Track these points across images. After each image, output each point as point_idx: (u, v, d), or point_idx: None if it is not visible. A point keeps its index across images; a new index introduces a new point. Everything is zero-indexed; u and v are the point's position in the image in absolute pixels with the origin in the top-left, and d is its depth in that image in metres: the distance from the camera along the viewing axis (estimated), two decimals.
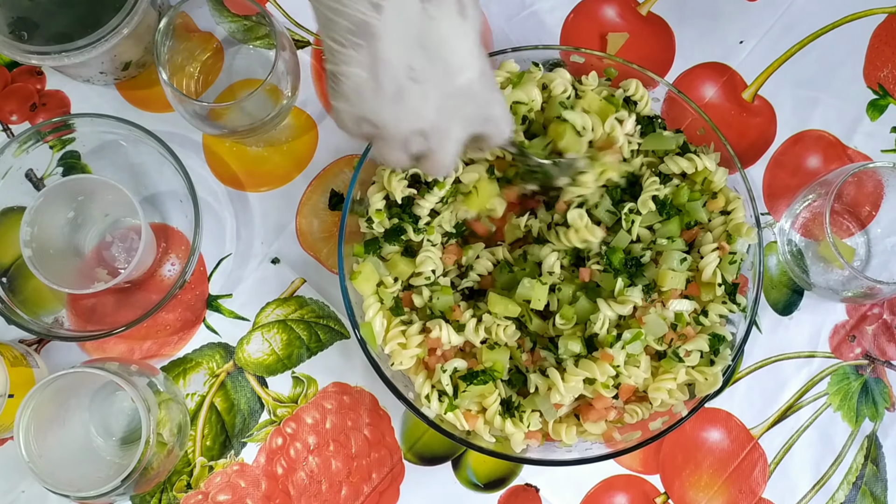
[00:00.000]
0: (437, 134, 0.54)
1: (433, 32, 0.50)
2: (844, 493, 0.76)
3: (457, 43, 0.51)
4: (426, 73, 0.51)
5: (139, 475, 0.66)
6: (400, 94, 0.51)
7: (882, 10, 0.83)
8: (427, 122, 0.53)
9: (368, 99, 0.52)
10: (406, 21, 0.49)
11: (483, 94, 0.54)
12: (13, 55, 0.71)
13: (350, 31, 0.50)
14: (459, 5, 0.51)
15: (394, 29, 0.49)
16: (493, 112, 0.56)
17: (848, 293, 0.75)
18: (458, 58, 0.52)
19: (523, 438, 0.69)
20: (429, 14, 0.50)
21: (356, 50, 0.50)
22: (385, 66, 0.50)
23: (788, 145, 0.81)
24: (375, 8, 0.48)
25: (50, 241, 0.73)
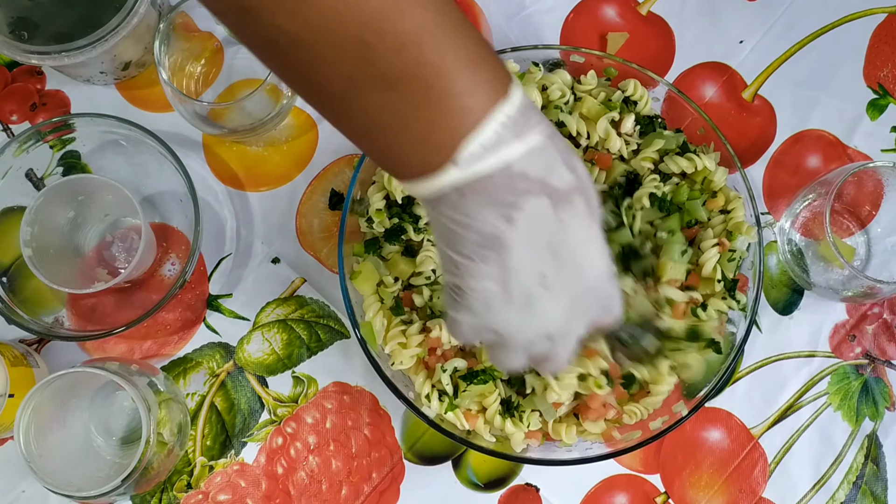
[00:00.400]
0: (562, 335, 0.51)
1: (565, 238, 0.47)
2: (845, 493, 0.76)
3: (587, 246, 0.48)
4: (558, 279, 0.48)
5: (139, 475, 0.66)
6: (530, 302, 0.48)
7: (882, 9, 0.83)
8: (556, 326, 0.50)
9: (497, 310, 0.48)
10: (538, 229, 0.46)
11: (607, 289, 0.51)
12: (13, 55, 0.71)
13: (479, 245, 0.46)
14: (589, 207, 0.48)
15: (525, 239, 0.46)
16: (612, 303, 0.52)
17: (848, 293, 0.75)
18: (589, 261, 0.48)
19: (523, 438, 0.69)
20: (561, 220, 0.46)
21: (485, 263, 0.46)
22: (516, 277, 0.47)
23: (788, 145, 0.81)
24: (508, 220, 0.45)
25: (50, 240, 0.73)
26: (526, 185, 0.45)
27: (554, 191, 0.46)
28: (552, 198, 0.46)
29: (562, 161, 0.46)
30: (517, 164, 0.45)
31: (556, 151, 0.46)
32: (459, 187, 0.45)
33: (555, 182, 0.46)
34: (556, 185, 0.46)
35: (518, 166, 0.45)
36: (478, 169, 0.44)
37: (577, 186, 0.47)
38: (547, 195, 0.46)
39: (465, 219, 0.46)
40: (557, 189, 0.46)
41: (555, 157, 0.46)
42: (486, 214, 0.45)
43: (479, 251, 0.46)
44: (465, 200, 0.45)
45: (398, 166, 0.47)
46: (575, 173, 0.47)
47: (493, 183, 0.44)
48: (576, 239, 0.47)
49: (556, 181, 0.46)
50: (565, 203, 0.46)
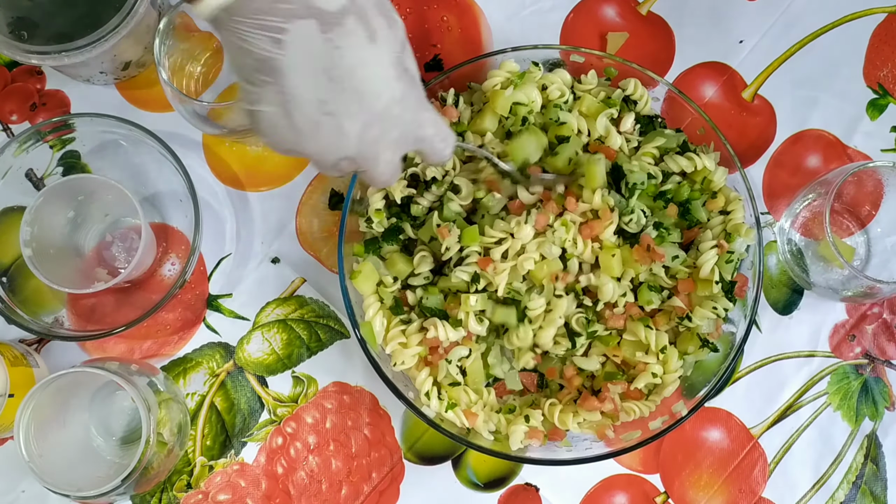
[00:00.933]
0: (364, 160, 0.53)
1: (340, 62, 0.48)
2: (844, 493, 0.76)
3: (368, 71, 0.49)
4: (339, 105, 0.49)
5: (139, 475, 0.66)
6: (316, 128, 0.50)
7: (882, 9, 0.83)
8: (351, 150, 0.52)
9: (285, 134, 0.50)
10: (311, 54, 0.47)
11: (407, 117, 0.52)
12: (13, 55, 0.71)
13: (256, 69, 0.48)
14: (368, 30, 0.48)
15: (299, 63, 0.47)
16: (424, 133, 0.54)
17: (848, 292, 0.75)
18: (370, 85, 0.49)
19: (524, 435, 0.69)
20: (334, 44, 0.47)
21: (264, 87, 0.48)
22: (295, 103, 0.48)
23: (788, 145, 0.81)
24: (277, 44, 0.46)
25: (50, 240, 0.73)
26: (288, 7, 0.46)
27: (322, 13, 0.46)
28: (321, 20, 0.46)
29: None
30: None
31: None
32: (229, 8, 0.46)
33: (321, 4, 0.46)
34: (324, 7, 0.46)
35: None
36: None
37: (348, 8, 0.47)
38: (314, 17, 0.46)
39: (240, 42, 0.47)
40: (325, 11, 0.46)
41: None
42: (256, 38, 0.46)
43: (256, 76, 0.48)
44: (236, 24, 0.46)
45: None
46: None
47: (257, 5, 0.45)
48: (351, 62, 0.48)
49: (323, 2, 0.47)
50: (336, 26, 0.47)
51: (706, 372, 0.71)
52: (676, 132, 0.75)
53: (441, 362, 0.69)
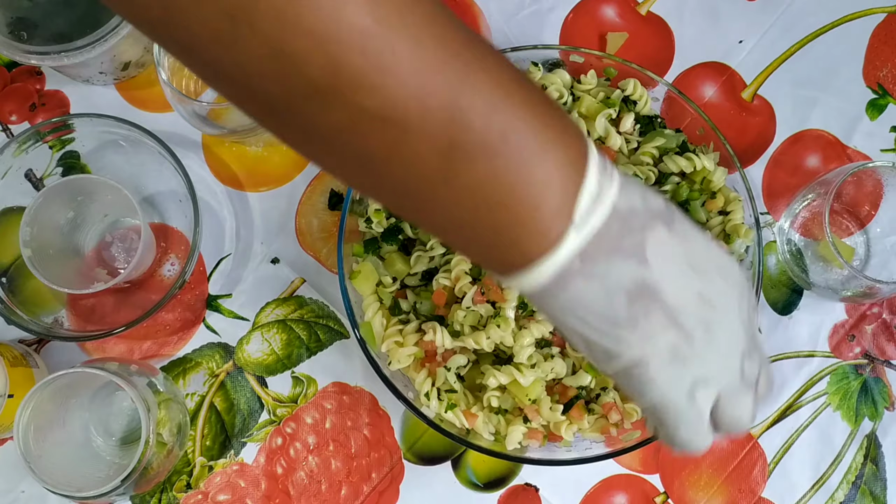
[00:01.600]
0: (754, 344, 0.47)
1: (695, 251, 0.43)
2: (844, 493, 0.76)
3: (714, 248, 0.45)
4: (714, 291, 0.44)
5: (139, 475, 0.66)
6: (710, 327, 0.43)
7: (881, 9, 0.83)
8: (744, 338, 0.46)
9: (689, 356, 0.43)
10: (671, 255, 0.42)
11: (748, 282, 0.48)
12: (12, 55, 0.71)
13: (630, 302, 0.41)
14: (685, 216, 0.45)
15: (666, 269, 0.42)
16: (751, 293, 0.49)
17: (847, 293, 0.75)
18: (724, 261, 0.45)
19: (522, 436, 0.69)
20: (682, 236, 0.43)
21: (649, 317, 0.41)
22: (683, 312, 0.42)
23: (788, 145, 0.81)
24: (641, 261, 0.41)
25: (49, 241, 0.73)
26: (638, 219, 0.41)
27: (660, 213, 0.42)
28: (663, 220, 0.42)
29: (641, 184, 0.43)
30: (620, 203, 0.40)
31: (632, 179, 0.43)
32: (584, 252, 0.39)
33: (653, 205, 0.42)
34: (656, 208, 0.42)
35: (622, 205, 0.40)
36: (594, 222, 0.39)
37: (666, 199, 0.44)
38: (659, 220, 0.42)
39: (601, 282, 0.40)
40: (660, 211, 0.42)
41: (636, 184, 0.42)
42: (621, 268, 0.40)
43: (635, 309, 0.41)
44: (595, 265, 0.40)
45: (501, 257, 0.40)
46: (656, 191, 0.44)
47: (612, 231, 0.40)
48: (701, 245, 0.44)
49: (654, 204, 0.42)
50: (673, 220, 0.43)
51: None
52: (676, 132, 0.75)
53: (439, 370, 0.69)
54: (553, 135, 0.39)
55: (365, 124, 0.35)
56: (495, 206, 0.38)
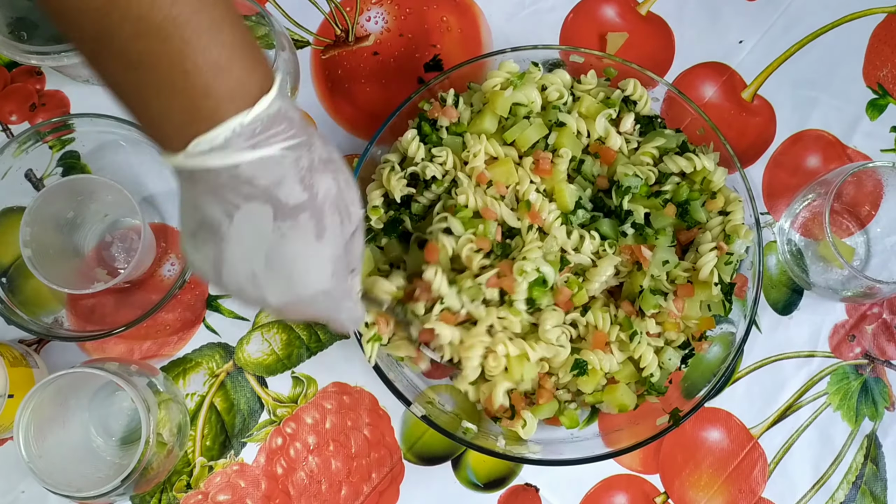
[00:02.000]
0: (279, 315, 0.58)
1: (281, 250, 0.50)
2: (844, 493, 0.76)
3: (305, 264, 0.51)
4: (267, 282, 0.51)
5: (139, 475, 0.66)
6: (240, 290, 0.52)
7: (881, 9, 0.83)
8: (269, 310, 0.59)
9: (212, 281, 0.53)
10: (257, 234, 0.49)
11: (329, 305, 0.55)
12: (13, 55, 0.71)
13: (201, 227, 0.50)
14: (318, 228, 0.50)
15: (243, 238, 0.49)
16: (339, 317, 0.57)
17: (847, 293, 0.75)
18: (303, 277, 0.52)
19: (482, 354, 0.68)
20: (281, 232, 0.49)
21: (203, 244, 0.50)
22: (228, 267, 0.50)
23: (788, 145, 0.81)
24: (227, 216, 0.48)
25: (49, 241, 0.73)
26: (250, 189, 0.48)
27: (279, 203, 0.49)
28: (277, 209, 0.49)
29: (297, 178, 0.49)
30: (245, 168, 0.47)
31: (293, 167, 0.49)
32: (190, 172, 0.48)
33: (282, 196, 0.48)
34: (283, 199, 0.49)
35: (246, 171, 0.47)
36: (203, 163, 0.47)
37: (307, 206, 0.49)
38: (272, 205, 0.48)
39: (192, 196, 0.49)
40: (283, 203, 0.49)
41: (289, 173, 0.48)
42: (209, 204, 0.48)
43: (200, 230, 0.50)
44: (194, 186, 0.49)
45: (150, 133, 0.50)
46: (308, 192, 0.49)
47: (219, 180, 0.47)
48: (292, 253, 0.50)
49: (284, 196, 0.48)
50: (289, 218, 0.49)
51: (706, 372, 0.71)
52: (676, 132, 0.75)
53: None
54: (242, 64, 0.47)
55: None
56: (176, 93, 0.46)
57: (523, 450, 0.70)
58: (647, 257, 0.69)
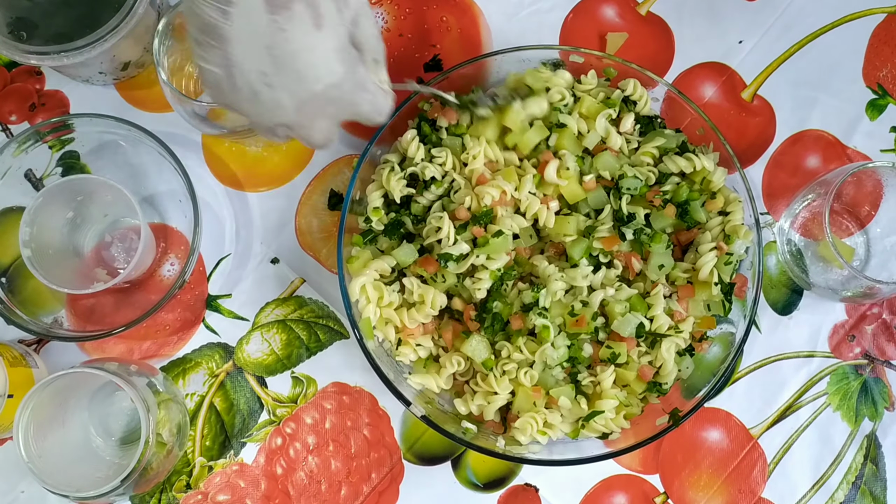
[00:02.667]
0: (300, 128, 0.57)
1: (283, 44, 0.51)
2: (844, 493, 0.76)
3: (310, 56, 0.52)
4: (278, 80, 0.52)
5: (138, 475, 0.66)
6: (255, 95, 0.53)
7: (881, 9, 0.83)
8: (287, 119, 0.55)
9: (227, 94, 0.54)
10: (255, 30, 0.50)
11: (345, 98, 0.55)
12: (12, 55, 0.71)
13: (204, 32, 0.51)
14: (315, 15, 0.51)
15: (244, 35, 0.50)
16: (360, 109, 0.57)
17: (847, 293, 0.75)
18: (311, 70, 0.52)
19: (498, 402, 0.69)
20: (278, 25, 0.50)
21: (211, 50, 0.52)
22: (238, 69, 0.51)
23: (788, 145, 0.81)
24: (223, 14, 0.49)
25: (49, 241, 0.73)
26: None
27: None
28: (269, 1, 0.50)
29: None
30: None
31: None
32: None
33: None
34: None
35: None
36: None
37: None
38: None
39: (191, 4, 0.50)
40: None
41: None
42: (205, 5, 0.50)
43: (204, 38, 0.51)
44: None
45: None
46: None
47: None
48: (294, 46, 0.51)
49: None
50: (283, 9, 0.50)
51: (706, 372, 0.71)
52: (676, 132, 0.75)
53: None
54: None
55: None
56: None
57: (523, 450, 0.70)
58: (636, 269, 0.70)
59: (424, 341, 0.71)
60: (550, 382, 0.69)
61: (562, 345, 0.68)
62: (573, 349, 0.69)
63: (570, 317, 0.68)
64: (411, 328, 0.70)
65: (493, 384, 0.69)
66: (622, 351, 0.69)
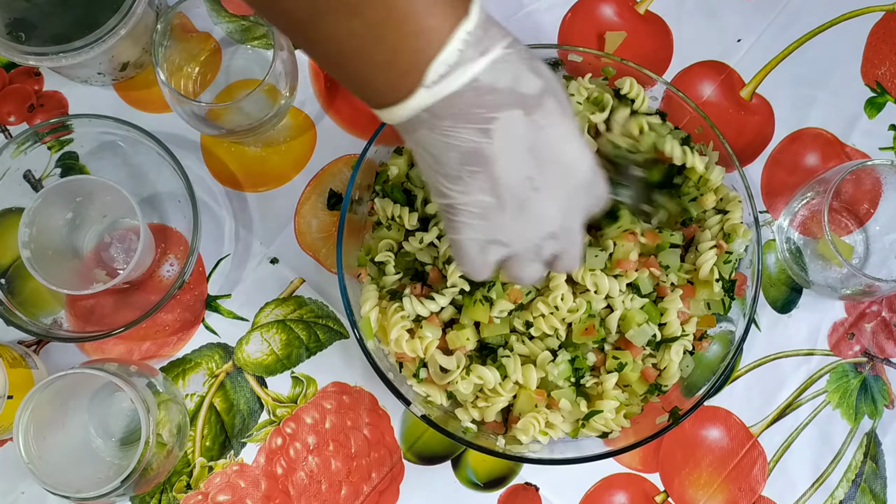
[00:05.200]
0: (566, 232, 0.54)
1: (544, 140, 0.49)
2: (844, 491, 0.76)
3: (568, 144, 0.51)
4: (545, 179, 0.50)
5: (139, 476, 0.66)
6: (523, 206, 0.50)
7: (880, 7, 0.83)
8: (556, 224, 0.53)
9: (494, 219, 0.51)
10: (517, 137, 0.48)
11: (596, 182, 0.54)
12: (11, 56, 0.71)
13: (462, 162, 0.48)
14: (562, 107, 0.50)
15: (506, 148, 0.48)
16: (600, 191, 0.55)
17: (846, 291, 0.75)
18: (571, 158, 0.51)
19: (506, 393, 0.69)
20: (538, 125, 0.49)
21: (473, 178, 0.49)
22: (505, 185, 0.49)
23: (786, 143, 0.81)
24: (485, 134, 0.48)
25: (48, 242, 0.73)
26: (495, 97, 0.47)
27: (524, 98, 0.48)
28: (524, 105, 0.48)
29: (527, 68, 0.48)
30: (484, 77, 0.47)
31: (519, 60, 0.48)
32: (432, 109, 0.47)
33: (524, 89, 0.48)
34: (526, 92, 0.48)
35: (485, 80, 0.47)
36: (446, 88, 0.46)
37: (546, 89, 0.49)
38: (518, 104, 0.48)
39: (443, 139, 0.48)
40: (527, 95, 0.48)
41: (519, 66, 0.48)
42: (462, 132, 0.47)
43: (464, 168, 0.49)
44: (440, 121, 0.47)
45: (371, 93, 0.48)
46: (542, 77, 0.49)
47: (464, 100, 0.47)
48: (554, 138, 0.50)
49: (525, 88, 0.48)
50: (537, 107, 0.49)
51: (705, 370, 0.71)
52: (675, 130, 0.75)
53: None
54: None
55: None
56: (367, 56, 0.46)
57: (523, 449, 0.70)
58: (656, 276, 0.70)
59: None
60: (552, 385, 0.69)
61: (563, 360, 0.68)
62: (577, 361, 0.69)
63: (578, 325, 0.69)
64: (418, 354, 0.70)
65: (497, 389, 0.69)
66: (629, 360, 0.69)
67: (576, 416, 0.70)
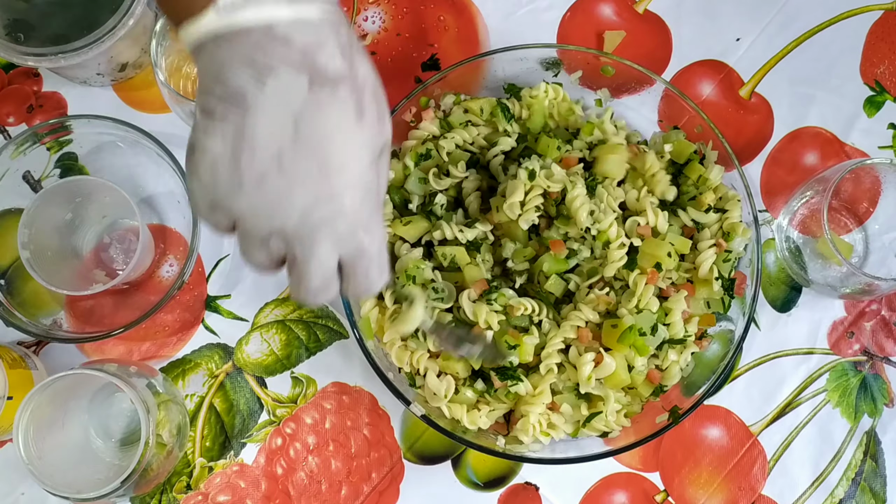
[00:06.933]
0: (299, 242, 0.46)
1: (316, 122, 0.44)
2: (844, 490, 0.76)
3: (342, 143, 0.45)
4: (296, 163, 0.44)
5: (139, 476, 0.66)
6: (261, 181, 0.44)
7: (878, 6, 0.83)
8: (289, 222, 0.45)
9: (223, 180, 0.45)
10: (287, 102, 0.44)
11: (359, 215, 0.47)
12: (9, 57, 0.71)
13: (222, 98, 0.44)
14: (358, 107, 0.45)
15: (272, 107, 0.43)
16: (367, 246, 0.48)
17: (846, 290, 0.75)
18: (338, 158, 0.45)
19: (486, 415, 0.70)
20: (317, 100, 0.44)
21: (222, 120, 0.44)
22: (249, 146, 0.44)
23: (786, 142, 0.81)
24: (258, 81, 0.43)
25: (48, 242, 0.73)
26: (285, 51, 0.43)
27: (317, 70, 0.44)
28: (313, 77, 0.44)
29: (336, 45, 0.45)
30: (281, 27, 0.43)
31: (332, 33, 0.45)
32: (218, 35, 0.44)
33: (321, 61, 0.44)
34: (322, 66, 0.44)
35: (282, 30, 0.43)
36: (237, 20, 0.43)
37: (346, 77, 0.45)
38: (308, 72, 0.44)
39: (216, 68, 0.44)
40: (322, 70, 0.44)
41: (329, 38, 0.44)
42: (237, 69, 0.44)
43: (220, 106, 0.44)
44: (220, 50, 0.44)
45: (171, 6, 0.45)
46: (350, 66, 0.45)
47: (252, 39, 0.43)
48: (328, 124, 0.44)
49: (323, 61, 0.44)
50: (327, 88, 0.44)
51: (705, 369, 0.71)
52: (674, 130, 0.75)
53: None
54: None
55: None
56: None
57: (523, 449, 0.70)
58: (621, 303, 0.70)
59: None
60: (554, 389, 0.70)
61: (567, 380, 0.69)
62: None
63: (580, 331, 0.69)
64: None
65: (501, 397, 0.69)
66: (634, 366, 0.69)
67: (577, 417, 0.70)
